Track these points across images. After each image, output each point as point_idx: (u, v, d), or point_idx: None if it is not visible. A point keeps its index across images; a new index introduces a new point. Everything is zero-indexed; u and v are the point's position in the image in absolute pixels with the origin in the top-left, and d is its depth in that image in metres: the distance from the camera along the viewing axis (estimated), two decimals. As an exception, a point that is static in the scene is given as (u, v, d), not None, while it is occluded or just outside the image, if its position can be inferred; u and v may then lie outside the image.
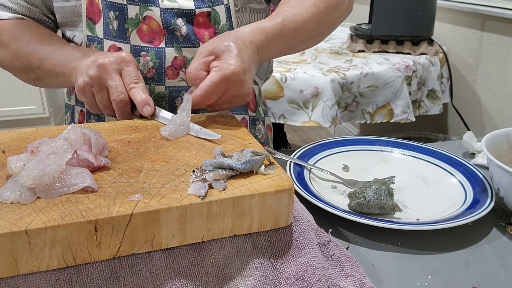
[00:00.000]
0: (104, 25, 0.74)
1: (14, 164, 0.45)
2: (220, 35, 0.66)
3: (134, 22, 0.74)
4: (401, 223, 0.59)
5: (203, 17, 0.76)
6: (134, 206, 0.42)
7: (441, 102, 1.83)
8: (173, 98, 0.78)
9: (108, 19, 0.74)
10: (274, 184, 0.47)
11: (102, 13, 0.74)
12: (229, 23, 0.78)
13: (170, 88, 0.78)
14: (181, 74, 0.77)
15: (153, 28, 0.75)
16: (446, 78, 1.90)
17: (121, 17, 0.74)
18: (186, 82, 0.78)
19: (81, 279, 0.41)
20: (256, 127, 0.92)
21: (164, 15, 0.74)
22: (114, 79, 0.64)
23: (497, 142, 0.69)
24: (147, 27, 0.75)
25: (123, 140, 0.58)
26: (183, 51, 0.76)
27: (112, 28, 0.74)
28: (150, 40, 0.75)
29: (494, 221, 0.64)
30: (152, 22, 0.75)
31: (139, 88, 0.64)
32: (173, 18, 0.75)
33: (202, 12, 0.76)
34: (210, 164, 0.48)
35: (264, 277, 0.47)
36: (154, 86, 0.77)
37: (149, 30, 0.75)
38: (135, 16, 0.74)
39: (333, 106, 1.55)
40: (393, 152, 0.81)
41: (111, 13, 0.74)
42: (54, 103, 3.21)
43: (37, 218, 0.40)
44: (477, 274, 0.54)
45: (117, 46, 0.75)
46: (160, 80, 0.76)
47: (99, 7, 0.74)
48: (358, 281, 0.49)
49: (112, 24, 0.74)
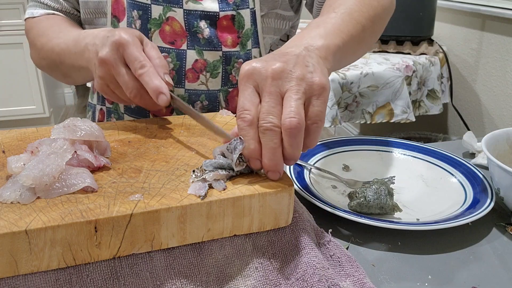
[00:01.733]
0: (127, 24, 0.74)
1: (14, 164, 0.45)
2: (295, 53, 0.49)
3: (157, 22, 0.73)
4: (401, 223, 0.59)
5: (227, 20, 0.75)
6: (134, 206, 0.42)
7: (441, 102, 1.83)
8: (192, 102, 0.78)
9: (131, 18, 0.73)
10: (274, 184, 0.47)
11: (126, 12, 0.74)
12: (254, 28, 0.77)
13: (189, 91, 0.77)
14: (201, 77, 0.76)
15: (175, 29, 0.74)
16: (446, 78, 1.90)
17: (144, 17, 0.73)
18: (205, 85, 0.77)
19: (81, 279, 0.41)
20: None
21: (188, 17, 0.73)
22: (120, 73, 0.58)
23: (497, 142, 0.69)
24: (170, 28, 0.74)
25: (123, 140, 0.58)
26: (204, 54, 0.75)
27: (134, 27, 0.74)
28: (172, 41, 0.74)
29: (494, 221, 0.64)
30: (174, 23, 0.74)
31: (146, 74, 0.56)
32: (196, 20, 0.74)
33: (226, 15, 0.74)
34: (210, 164, 0.48)
35: (264, 277, 0.47)
36: (174, 88, 0.76)
37: (171, 31, 0.74)
38: (158, 17, 0.73)
39: (333, 106, 1.55)
40: (393, 152, 0.81)
41: (135, 12, 0.73)
42: (54, 103, 3.21)
43: (37, 218, 0.40)
44: (477, 274, 0.54)
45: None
46: (180, 82, 0.76)
47: (124, 5, 0.73)
48: (358, 281, 0.49)
49: (135, 24, 0.74)
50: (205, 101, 0.79)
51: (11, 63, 2.84)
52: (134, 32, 0.60)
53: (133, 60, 0.57)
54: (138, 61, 0.56)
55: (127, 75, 0.57)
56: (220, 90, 0.79)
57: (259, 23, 0.77)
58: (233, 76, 0.79)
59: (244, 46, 0.78)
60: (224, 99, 0.80)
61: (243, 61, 0.78)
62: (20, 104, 2.97)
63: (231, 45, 0.76)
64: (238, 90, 0.78)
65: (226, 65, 0.77)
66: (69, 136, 0.49)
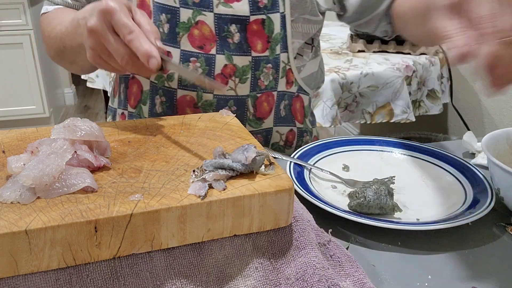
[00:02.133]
0: None
1: (14, 164, 0.45)
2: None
3: (186, 26, 0.72)
4: (401, 223, 0.59)
5: (257, 24, 0.74)
6: (134, 206, 0.42)
7: (441, 102, 1.83)
8: (221, 107, 0.77)
9: (159, 22, 0.72)
10: (274, 184, 0.47)
11: (153, 15, 0.72)
12: (283, 32, 0.76)
13: (218, 97, 0.76)
14: (230, 82, 0.76)
15: (204, 33, 0.73)
16: (446, 78, 1.90)
17: (173, 20, 0.72)
18: (234, 91, 0.77)
19: (81, 279, 0.41)
20: (303, 139, 0.90)
21: (218, 21, 0.72)
22: (110, 41, 0.55)
23: (497, 142, 0.69)
24: (199, 32, 0.73)
25: (123, 140, 0.58)
26: (234, 59, 0.75)
27: (162, 31, 0.73)
28: (201, 45, 0.73)
29: (494, 221, 0.64)
30: (204, 27, 0.73)
31: (135, 39, 0.54)
32: (226, 25, 0.73)
33: (257, 19, 0.74)
34: (210, 164, 0.48)
35: (264, 277, 0.47)
36: (202, 93, 0.75)
37: (200, 35, 0.73)
38: (187, 20, 0.72)
39: (333, 106, 1.55)
40: (393, 152, 0.81)
41: (163, 16, 0.72)
42: (54, 103, 3.21)
43: (37, 218, 0.40)
44: (477, 274, 0.54)
45: (166, 50, 0.73)
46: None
47: (150, 9, 0.72)
48: (358, 281, 0.49)
49: (163, 27, 0.72)
50: (234, 106, 0.79)
51: (11, 63, 2.84)
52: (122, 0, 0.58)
53: (121, 27, 0.54)
54: (126, 27, 0.54)
55: (116, 42, 0.55)
56: (249, 96, 0.78)
57: (288, 27, 0.77)
58: (261, 81, 0.78)
59: (273, 50, 0.77)
60: (252, 105, 0.80)
61: (271, 67, 0.78)
62: (20, 104, 2.97)
63: (261, 50, 0.76)
64: (265, 95, 0.78)
65: (255, 70, 0.77)
66: (69, 136, 0.49)
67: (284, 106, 0.84)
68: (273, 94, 0.80)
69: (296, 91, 0.85)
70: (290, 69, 0.81)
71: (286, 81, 0.81)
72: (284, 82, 0.81)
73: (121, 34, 0.54)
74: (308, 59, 0.85)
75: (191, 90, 0.77)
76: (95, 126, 0.52)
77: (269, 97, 0.80)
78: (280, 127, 0.85)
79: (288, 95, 0.84)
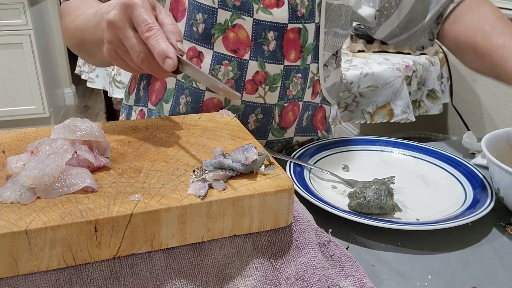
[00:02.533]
0: (186, 25, 0.72)
1: (14, 164, 0.45)
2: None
3: (222, 28, 0.71)
4: (401, 223, 0.59)
5: (293, 33, 0.73)
6: (134, 206, 0.42)
7: (441, 102, 1.83)
8: (247, 114, 0.76)
9: (194, 20, 0.71)
10: (274, 184, 0.47)
11: (187, 13, 0.71)
12: (316, 43, 0.76)
13: (246, 103, 0.75)
14: (259, 90, 0.75)
15: (240, 37, 0.72)
16: (446, 78, 1.90)
17: (209, 21, 0.71)
18: (263, 98, 0.76)
19: (81, 279, 0.41)
20: None
21: (256, 27, 0.71)
22: (127, 36, 0.53)
23: (497, 142, 0.69)
24: (234, 35, 0.72)
25: (123, 140, 0.58)
26: (266, 66, 0.74)
27: (196, 30, 0.72)
28: (235, 49, 0.72)
29: (494, 221, 0.64)
30: (241, 31, 0.71)
31: (153, 37, 0.52)
32: (264, 31, 0.72)
33: (294, 28, 0.73)
34: (210, 164, 0.48)
35: (264, 277, 0.47)
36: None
37: (235, 39, 0.72)
38: (223, 22, 0.71)
39: (333, 106, 1.54)
40: (393, 152, 0.81)
41: (199, 15, 0.71)
42: (54, 103, 3.21)
43: (37, 218, 0.40)
44: (477, 274, 0.54)
45: (198, 50, 0.72)
46: (237, 92, 0.74)
47: (185, 6, 0.71)
48: (358, 281, 0.49)
49: (198, 27, 0.71)
50: (260, 114, 0.78)
51: (11, 63, 2.84)
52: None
53: (140, 23, 0.52)
54: (146, 24, 0.52)
55: (134, 38, 0.53)
56: (276, 105, 0.78)
57: (321, 38, 0.76)
58: (290, 90, 0.78)
59: (305, 60, 0.77)
60: (278, 114, 0.79)
61: (301, 76, 0.78)
62: (20, 104, 2.97)
63: (294, 59, 0.75)
64: (292, 105, 0.78)
65: (285, 79, 0.76)
66: (69, 136, 0.49)
67: (307, 116, 0.84)
68: (299, 104, 0.80)
69: (319, 102, 0.85)
70: (317, 80, 0.81)
71: (312, 92, 0.82)
72: (310, 93, 0.81)
73: (140, 31, 0.52)
74: (332, 69, 0.86)
75: (215, 93, 0.76)
76: (95, 126, 0.52)
77: (295, 107, 0.80)
78: (300, 137, 0.85)
79: (312, 105, 0.84)
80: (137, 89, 0.86)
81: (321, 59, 0.79)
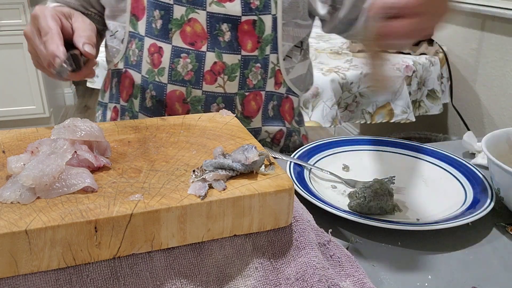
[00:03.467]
0: (147, 23, 0.75)
1: (14, 164, 0.45)
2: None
3: (178, 23, 0.74)
4: (401, 223, 0.59)
5: (248, 24, 0.75)
6: (134, 206, 0.42)
7: (441, 102, 1.83)
8: (209, 104, 0.78)
9: (152, 17, 0.74)
10: (274, 184, 0.47)
11: (146, 11, 0.74)
12: (274, 34, 0.78)
13: (206, 93, 0.77)
14: (218, 80, 0.77)
15: (196, 31, 0.75)
16: (446, 78, 1.90)
17: (166, 17, 0.74)
18: (223, 88, 0.78)
19: (81, 279, 0.41)
20: (291, 139, 0.92)
21: (210, 20, 0.74)
22: (36, 44, 0.60)
23: (497, 142, 0.69)
24: (191, 29, 0.74)
25: (123, 140, 0.58)
26: (224, 57, 0.76)
27: (155, 27, 0.74)
28: (192, 42, 0.75)
29: (494, 221, 0.64)
30: (196, 25, 0.74)
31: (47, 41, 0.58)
32: (218, 23, 0.74)
33: (248, 20, 0.75)
34: (210, 164, 0.48)
35: (264, 277, 0.47)
36: (191, 89, 0.76)
37: (192, 33, 0.75)
38: (179, 17, 0.74)
39: (333, 106, 1.55)
40: (393, 152, 0.81)
41: (156, 12, 0.74)
42: (54, 103, 3.21)
43: (37, 218, 0.40)
44: (477, 274, 0.54)
45: (158, 45, 0.75)
46: (197, 83, 0.76)
47: (144, 4, 0.74)
48: (358, 281, 0.49)
49: (156, 23, 0.74)
50: (222, 103, 0.80)
51: (11, 63, 2.84)
52: (62, 9, 0.63)
53: (41, 30, 0.59)
54: (44, 30, 0.59)
55: (41, 45, 0.59)
56: (237, 94, 0.80)
57: (279, 30, 0.78)
58: (250, 80, 0.79)
59: (263, 51, 0.78)
60: (240, 103, 0.81)
61: (260, 66, 0.79)
62: (20, 104, 2.97)
63: (250, 49, 0.77)
64: (253, 95, 0.79)
65: (244, 69, 0.78)
66: (69, 136, 0.49)
67: (273, 106, 0.86)
68: (261, 93, 0.82)
69: (285, 92, 0.87)
70: (279, 70, 0.83)
71: (274, 82, 0.83)
72: (273, 83, 0.83)
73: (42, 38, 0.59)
74: (297, 61, 0.87)
75: (180, 85, 0.78)
76: (95, 126, 0.52)
77: (257, 96, 0.82)
78: (268, 126, 0.86)
79: (277, 95, 0.86)
80: (110, 86, 0.88)
81: (281, 50, 0.80)
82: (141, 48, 0.75)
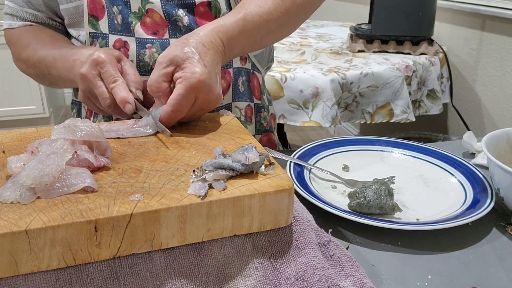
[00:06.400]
0: (109, 20, 0.76)
1: (14, 164, 0.45)
2: (178, 40, 0.64)
3: (138, 15, 0.76)
4: (401, 223, 0.59)
5: (203, 7, 0.77)
6: (134, 206, 0.42)
7: (441, 102, 1.83)
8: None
9: (112, 14, 0.75)
10: (274, 184, 0.47)
11: (106, 9, 0.75)
12: (229, 11, 0.78)
13: None
14: None
15: (156, 20, 0.76)
16: (446, 78, 1.90)
17: (125, 11, 0.75)
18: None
19: (81, 279, 0.41)
20: (261, 115, 0.93)
21: (165, 7, 0.75)
22: (97, 86, 0.65)
23: (497, 142, 0.69)
24: (150, 19, 0.76)
25: (123, 140, 0.58)
26: None
27: (117, 22, 0.76)
28: (154, 32, 0.76)
29: (494, 221, 0.64)
30: (154, 14, 0.76)
31: (116, 87, 0.64)
32: (174, 9, 0.76)
33: (203, 2, 0.76)
34: (210, 164, 0.48)
35: (264, 277, 0.47)
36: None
37: (152, 23, 0.76)
38: (137, 10, 0.75)
39: (333, 106, 1.54)
40: (393, 152, 0.81)
41: (115, 8, 0.75)
42: (54, 103, 3.21)
43: (37, 218, 0.40)
44: (477, 274, 0.54)
45: (123, 40, 0.76)
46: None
47: (102, 3, 0.75)
48: (358, 281, 0.49)
49: (117, 19, 0.76)
50: None
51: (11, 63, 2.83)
52: (113, 52, 0.69)
53: (107, 76, 0.65)
54: (112, 77, 0.65)
55: (102, 87, 0.65)
56: None
57: (233, 6, 0.79)
58: None
59: None
60: None
61: None
62: (20, 104, 2.97)
63: None
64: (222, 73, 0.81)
65: None
66: (69, 136, 0.49)
67: (243, 82, 0.88)
68: (229, 71, 0.84)
69: (251, 68, 0.89)
70: None
71: (240, 57, 0.85)
72: (238, 59, 0.85)
73: (106, 82, 0.65)
74: None
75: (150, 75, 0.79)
76: (95, 126, 0.52)
77: (225, 74, 0.83)
78: (238, 102, 0.88)
79: (245, 71, 0.88)
80: None
81: None
82: (105, 45, 0.76)
